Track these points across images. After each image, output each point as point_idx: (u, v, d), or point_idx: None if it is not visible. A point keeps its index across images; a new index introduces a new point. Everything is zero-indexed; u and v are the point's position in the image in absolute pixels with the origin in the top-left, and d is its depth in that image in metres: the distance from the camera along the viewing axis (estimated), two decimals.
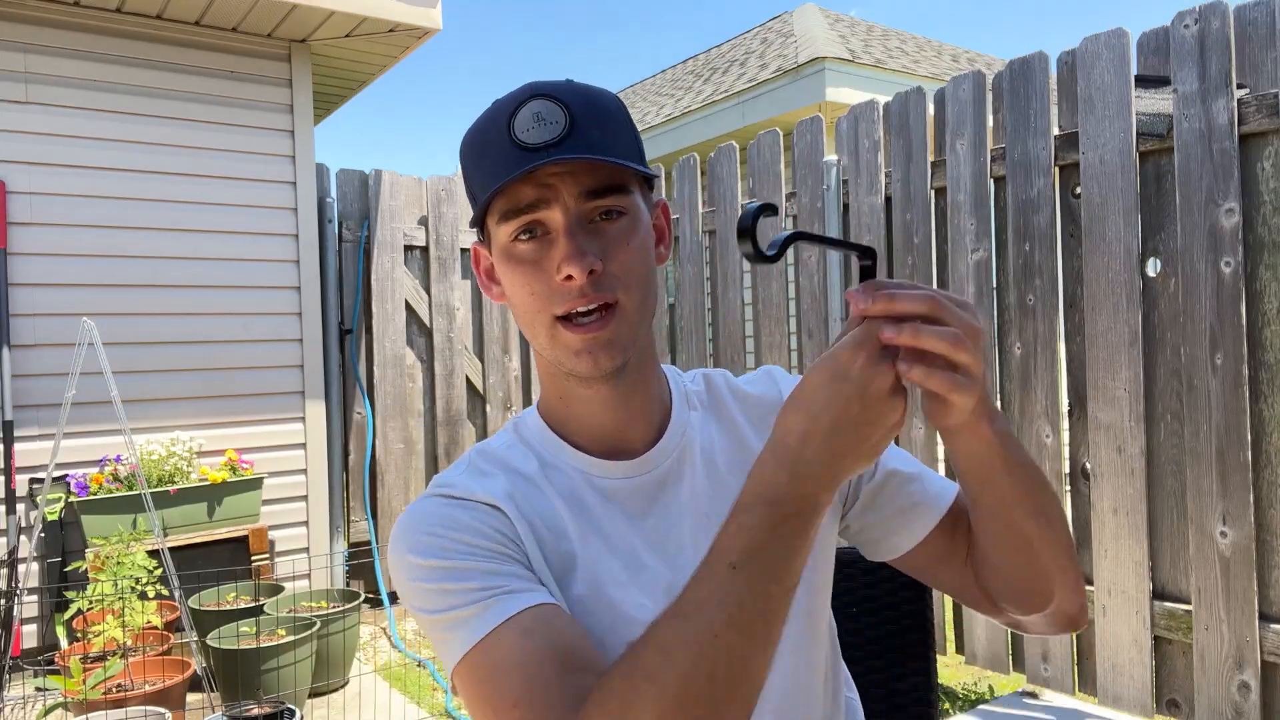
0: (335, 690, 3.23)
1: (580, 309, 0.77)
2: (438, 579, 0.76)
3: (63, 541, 3.44)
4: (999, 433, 0.73)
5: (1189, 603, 2.42)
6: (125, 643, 2.81)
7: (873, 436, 0.64)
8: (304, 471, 4.07)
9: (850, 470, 0.65)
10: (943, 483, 0.94)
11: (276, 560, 3.87)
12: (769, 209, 0.71)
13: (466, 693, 0.74)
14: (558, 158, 0.74)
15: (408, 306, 4.46)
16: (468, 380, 4.64)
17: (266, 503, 3.84)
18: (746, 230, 0.68)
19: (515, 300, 0.81)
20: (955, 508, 0.91)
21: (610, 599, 0.81)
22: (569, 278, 0.76)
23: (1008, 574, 0.84)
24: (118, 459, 3.51)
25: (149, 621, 2.92)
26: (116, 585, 2.88)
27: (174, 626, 3.16)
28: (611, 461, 0.85)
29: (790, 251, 3.63)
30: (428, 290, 4.53)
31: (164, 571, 2.96)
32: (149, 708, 2.48)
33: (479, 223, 0.83)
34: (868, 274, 0.72)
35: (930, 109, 3.07)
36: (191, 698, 2.87)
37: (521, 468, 0.85)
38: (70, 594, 2.92)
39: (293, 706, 2.59)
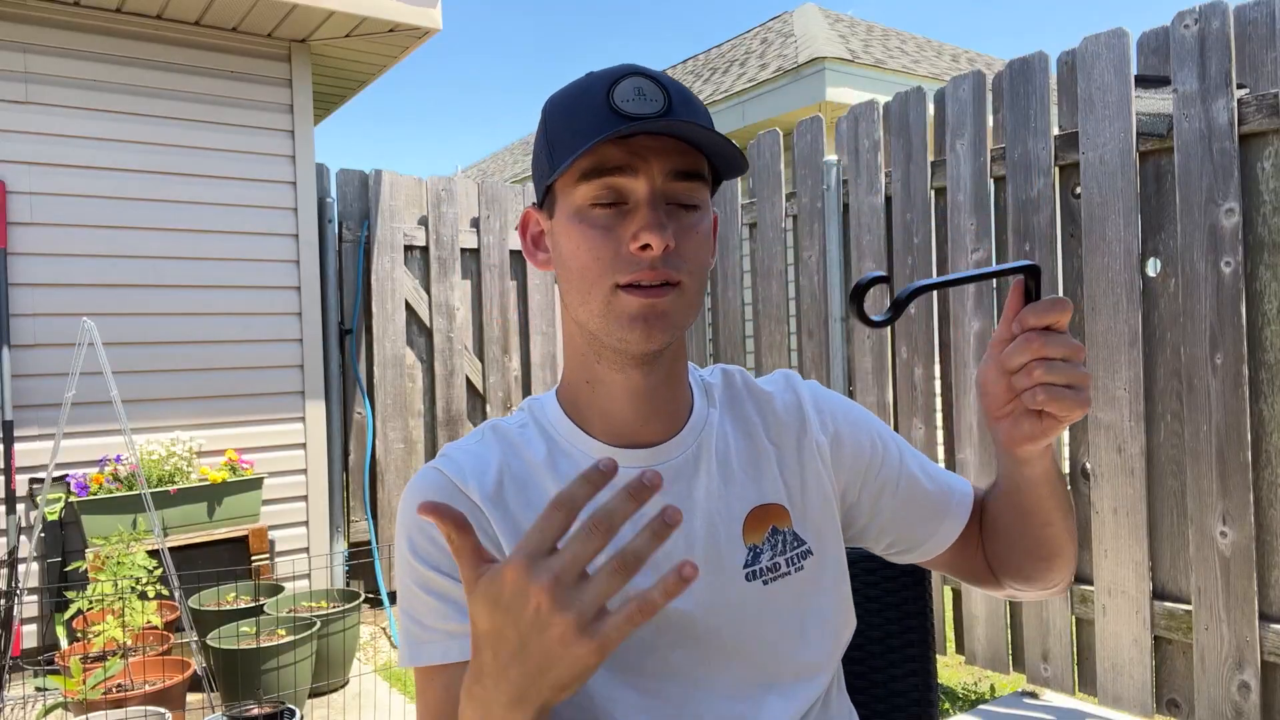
0: (335, 690, 3.23)
1: (645, 281, 0.77)
2: (420, 585, 0.82)
3: (63, 541, 3.44)
4: (1053, 452, 0.84)
5: (1189, 603, 2.42)
6: (125, 643, 2.81)
7: (549, 673, 0.58)
8: (304, 471, 4.07)
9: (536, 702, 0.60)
10: (960, 483, 0.98)
11: (276, 560, 3.87)
12: (881, 279, 0.77)
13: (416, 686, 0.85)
14: (659, 125, 0.74)
15: (408, 306, 4.46)
16: (468, 380, 4.64)
17: (266, 503, 3.84)
18: (855, 300, 0.75)
19: (574, 264, 0.79)
20: (974, 505, 0.97)
21: None
22: (645, 247, 0.75)
23: (1025, 562, 0.92)
24: (118, 459, 3.51)
25: (149, 621, 2.92)
26: (116, 585, 2.88)
27: (174, 626, 3.16)
28: (627, 450, 0.84)
29: (789, 252, 3.64)
30: (428, 290, 4.53)
31: (164, 571, 2.96)
32: (149, 708, 2.48)
33: (547, 185, 0.82)
34: (1030, 293, 0.76)
35: (930, 109, 3.07)
36: (191, 698, 2.87)
37: (528, 454, 0.85)
38: (70, 594, 2.92)
39: (293, 706, 2.59)
